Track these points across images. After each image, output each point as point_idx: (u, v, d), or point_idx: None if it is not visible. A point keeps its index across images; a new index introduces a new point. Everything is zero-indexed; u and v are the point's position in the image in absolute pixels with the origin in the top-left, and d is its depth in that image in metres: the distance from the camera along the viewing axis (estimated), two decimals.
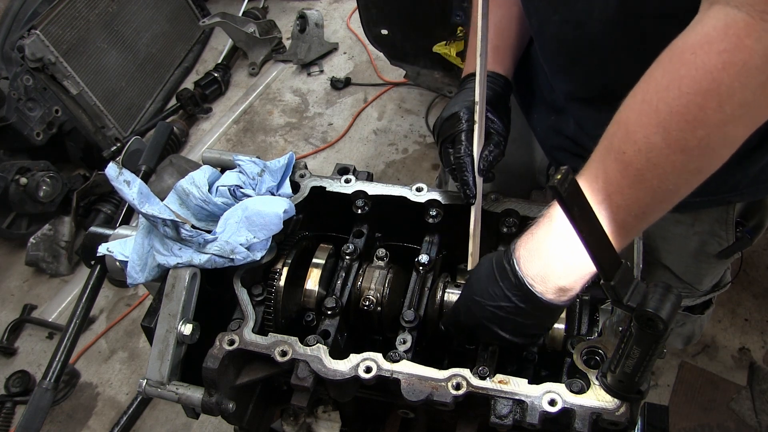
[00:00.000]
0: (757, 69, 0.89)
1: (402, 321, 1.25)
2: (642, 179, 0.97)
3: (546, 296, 1.05)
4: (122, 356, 3.13)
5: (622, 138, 0.98)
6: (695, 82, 0.91)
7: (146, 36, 4.06)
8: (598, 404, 1.05)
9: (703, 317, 1.85)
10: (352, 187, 1.41)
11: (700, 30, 0.93)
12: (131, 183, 1.24)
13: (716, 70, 0.89)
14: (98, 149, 3.74)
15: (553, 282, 1.04)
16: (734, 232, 1.50)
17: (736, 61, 0.89)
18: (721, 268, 1.65)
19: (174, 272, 1.25)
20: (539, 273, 1.05)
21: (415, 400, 1.10)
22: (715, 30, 0.90)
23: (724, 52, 0.89)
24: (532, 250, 1.06)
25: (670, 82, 0.93)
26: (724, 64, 0.89)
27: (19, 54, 3.33)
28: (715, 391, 2.64)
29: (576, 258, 1.02)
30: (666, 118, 0.93)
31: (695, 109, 0.92)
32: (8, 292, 3.45)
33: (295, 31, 4.24)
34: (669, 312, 0.87)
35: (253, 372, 1.24)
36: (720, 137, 0.95)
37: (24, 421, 1.78)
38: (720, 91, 0.90)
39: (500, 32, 1.49)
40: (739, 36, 0.88)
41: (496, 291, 1.10)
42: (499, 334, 1.12)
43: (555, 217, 1.05)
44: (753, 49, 0.88)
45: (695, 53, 0.91)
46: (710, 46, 0.90)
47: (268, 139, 3.99)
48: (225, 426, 2.74)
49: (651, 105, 0.95)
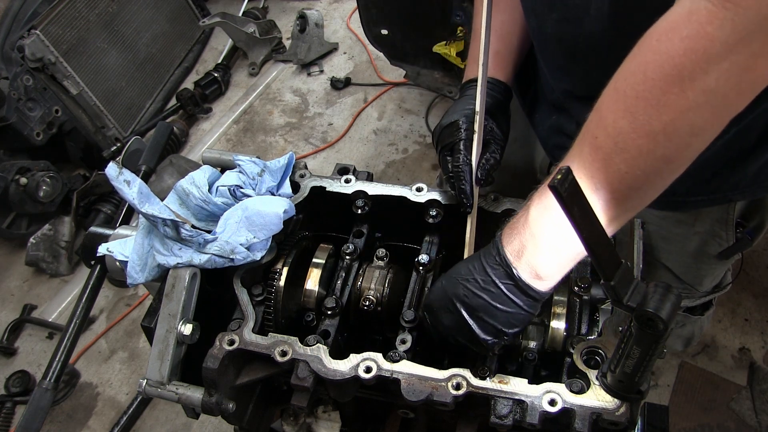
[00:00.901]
0: (718, 56, 0.90)
1: (402, 321, 1.26)
2: (610, 162, 1.00)
3: (523, 275, 1.06)
4: (122, 356, 3.13)
5: (596, 123, 1.02)
6: (659, 67, 0.94)
7: (146, 36, 4.06)
8: (598, 404, 1.05)
9: (703, 318, 1.85)
10: (352, 187, 1.41)
11: (667, 17, 0.95)
12: (131, 183, 1.24)
13: (678, 56, 0.92)
14: (98, 149, 3.74)
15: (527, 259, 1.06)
16: (734, 232, 1.50)
17: (697, 47, 0.91)
18: (721, 269, 1.65)
19: (174, 272, 1.25)
20: (517, 248, 1.07)
21: (415, 400, 1.10)
22: (680, 16, 0.93)
23: (686, 38, 0.91)
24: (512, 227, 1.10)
25: (636, 67, 0.97)
26: (685, 50, 0.91)
27: (19, 54, 3.33)
28: (715, 391, 2.64)
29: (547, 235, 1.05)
30: (632, 102, 0.96)
31: (659, 93, 0.94)
32: (8, 292, 3.45)
33: (295, 31, 4.24)
34: (669, 312, 0.87)
35: (253, 372, 1.24)
36: (685, 124, 0.96)
37: (24, 421, 1.78)
38: (682, 76, 0.92)
39: (502, 37, 1.49)
40: (701, 23, 0.90)
41: (475, 264, 1.12)
42: (466, 322, 1.10)
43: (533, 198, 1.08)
44: (714, 36, 0.89)
45: (660, 39, 0.94)
46: (674, 33, 0.93)
47: (268, 139, 3.99)
48: (225, 426, 2.74)
49: (620, 91, 0.99)
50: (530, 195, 1.12)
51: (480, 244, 1.33)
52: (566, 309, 1.22)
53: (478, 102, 1.33)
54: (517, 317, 1.10)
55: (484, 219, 1.34)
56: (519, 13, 1.47)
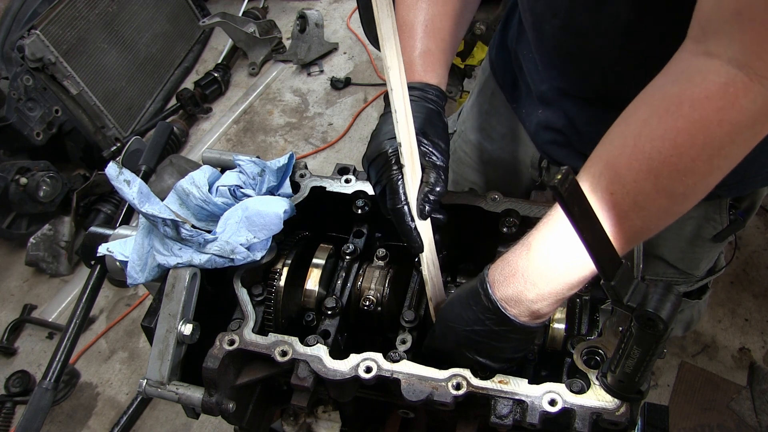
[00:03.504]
0: (746, 128, 0.94)
1: (402, 321, 1.26)
2: (626, 218, 1.00)
3: (520, 319, 1.06)
4: (122, 356, 3.13)
5: (611, 179, 1.00)
6: (691, 136, 0.94)
7: (146, 36, 4.06)
8: (598, 404, 1.05)
9: (700, 302, 1.87)
10: (352, 187, 1.41)
11: (698, 82, 0.95)
12: (131, 182, 1.24)
13: (712, 126, 0.93)
14: (98, 149, 3.74)
15: (527, 305, 1.05)
16: (728, 215, 1.53)
17: (731, 119, 0.92)
18: (715, 251, 1.68)
19: (174, 272, 1.25)
20: (513, 296, 1.05)
21: (415, 400, 1.10)
22: (716, 86, 0.93)
23: (720, 110, 0.92)
24: (506, 275, 1.06)
25: (665, 132, 0.96)
26: (720, 122, 0.93)
27: (19, 54, 3.33)
28: (715, 391, 2.64)
29: (549, 283, 1.02)
30: (658, 166, 0.96)
31: (688, 161, 0.95)
32: (8, 292, 3.45)
33: (295, 31, 4.24)
34: (669, 312, 0.87)
35: (253, 372, 1.24)
36: (704, 185, 1.00)
37: (24, 421, 1.78)
38: (713, 145, 0.94)
39: (433, 33, 1.31)
40: (737, 96, 0.91)
41: (469, 315, 1.10)
42: (475, 359, 1.13)
43: (531, 244, 1.05)
44: (747, 109, 0.92)
45: (693, 107, 0.94)
46: (709, 102, 0.93)
47: (268, 139, 3.99)
48: (225, 426, 2.74)
49: (644, 152, 0.97)
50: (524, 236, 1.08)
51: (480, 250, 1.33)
52: (566, 309, 1.22)
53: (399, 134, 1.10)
54: (524, 344, 1.13)
55: (485, 219, 1.34)
56: (452, 5, 1.33)
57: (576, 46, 1.28)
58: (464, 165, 1.91)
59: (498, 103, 1.75)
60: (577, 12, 1.23)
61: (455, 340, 1.14)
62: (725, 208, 1.51)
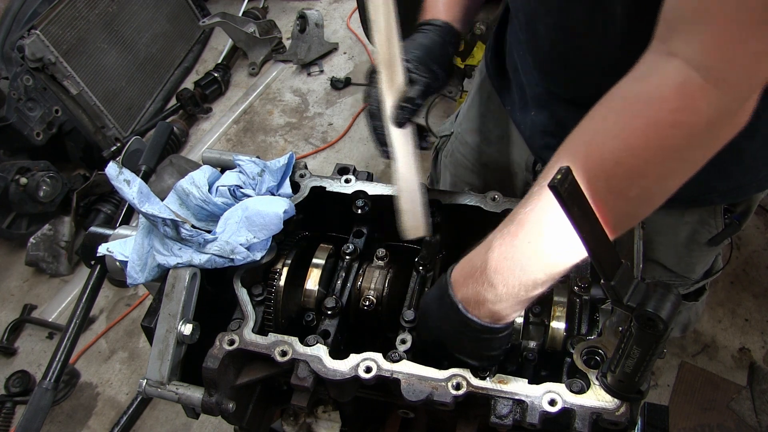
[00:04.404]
0: (703, 131, 0.90)
1: (402, 321, 1.25)
2: None
3: (482, 320, 1.04)
4: (122, 356, 3.13)
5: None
6: (645, 137, 0.91)
7: (146, 36, 4.06)
8: (598, 404, 1.05)
9: (698, 304, 1.86)
10: (352, 187, 1.41)
11: (655, 82, 0.92)
12: (131, 182, 1.24)
13: (666, 127, 0.90)
14: (98, 149, 3.74)
15: (487, 307, 1.03)
16: (723, 219, 1.51)
17: (686, 121, 0.89)
18: (711, 254, 1.67)
19: (174, 272, 1.25)
20: (472, 297, 1.04)
21: (415, 400, 1.10)
22: (672, 87, 0.90)
23: (675, 111, 0.89)
24: (466, 275, 1.05)
25: (620, 132, 0.93)
26: (673, 123, 0.90)
27: (19, 54, 3.33)
28: (715, 391, 2.64)
29: (506, 285, 1.00)
30: (611, 167, 0.93)
31: (641, 163, 0.92)
32: (8, 292, 3.45)
33: (295, 31, 4.24)
34: (669, 312, 0.87)
35: (253, 372, 1.24)
36: (659, 189, 0.97)
37: (24, 421, 1.78)
38: (667, 147, 0.91)
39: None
40: (693, 98, 0.88)
41: (438, 313, 1.10)
42: (456, 356, 1.12)
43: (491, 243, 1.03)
44: (703, 112, 0.89)
45: (649, 107, 0.91)
46: (664, 103, 0.90)
47: (268, 139, 3.99)
48: (225, 426, 2.74)
49: (597, 152, 0.95)
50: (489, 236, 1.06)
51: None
52: (566, 309, 1.22)
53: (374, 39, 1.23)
54: (496, 343, 1.10)
55: (484, 219, 1.34)
56: None
57: (569, 46, 1.26)
58: (461, 167, 1.90)
59: (494, 105, 1.75)
60: (572, 9, 1.20)
61: (434, 336, 1.13)
62: (720, 213, 1.50)
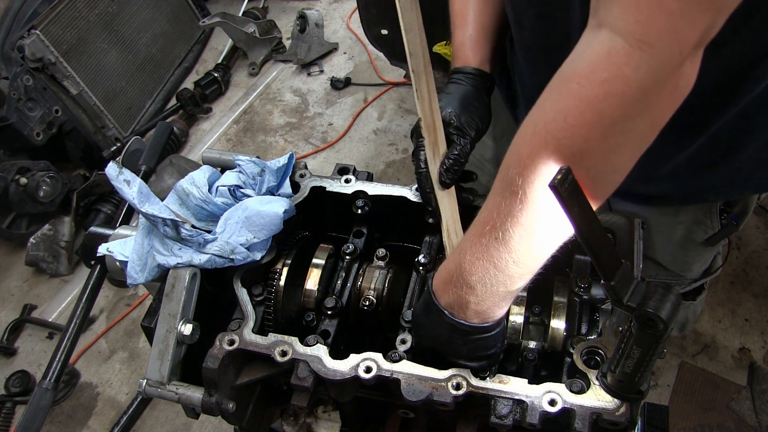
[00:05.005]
0: (635, 99, 0.86)
1: (402, 321, 1.26)
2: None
3: (471, 322, 1.05)
4: (122, 356, 3.13)
5: (515, 166, 0.96)
6: (580, 114, 0.89)
7: (146, 36, 4.06)
8: (598, 404, 1.05)
9: (695, 303, 1.86)
10: (352, 187, 1.41)
11: (586, 57, 0.90)
12: (131, 182, 1.24)
13: (598, 101, 0.87)
14: (98, 149, 3.74)
15: (472, 308, 1.04)
16: (719, 219, 1.51)
17: (616, 91, 0.86)
18: (709, 254, 1.66)
19: (174, 272, 1.25)
20: (456, 302, 1.05)
21: (415, 400, 1.10)
22: (599, 58, 0.87)
23: (605, 82, 0.86)
24: (445, 281, 1.06)
25: (557, 113, 0.91)
26: (605, 95, 0.87)
27: (19, 54, 3.33)
28: (715, 391, 2.64)
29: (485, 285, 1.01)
30: (554, 151, 0.91)
31: (581, 142, 0.90)
32: (8, 292, 3.45)
33: (295, 31, 4.24)
34: (669, 312, 0.87)
35: (253, 372, 1.24)
36: (606, 166, 0.94)
37: (24, 421, 1.78)
38: (603, 122, 0.88)
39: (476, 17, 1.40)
40: (619, 65, 0.85)
41: (428, 321, 1.11)
42: (452, 360, 1.13)
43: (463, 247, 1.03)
44: (631, 79, 0.85)
45: (580, 83, 0.89)
46: (593, 75, 0.88)
47: (268, 139, 3.99)
48: (225, 426, 2.74)
49: (540, 137, 0.93)
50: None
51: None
52: (566, 309, 1.22)
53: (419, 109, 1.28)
54: (490, 342, 1.11)
55: None
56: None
57: (551, 33, 1.25)
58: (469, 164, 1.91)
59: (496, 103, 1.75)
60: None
61: (428, 345, 1.15)
62: (716, 212, 1.49)
